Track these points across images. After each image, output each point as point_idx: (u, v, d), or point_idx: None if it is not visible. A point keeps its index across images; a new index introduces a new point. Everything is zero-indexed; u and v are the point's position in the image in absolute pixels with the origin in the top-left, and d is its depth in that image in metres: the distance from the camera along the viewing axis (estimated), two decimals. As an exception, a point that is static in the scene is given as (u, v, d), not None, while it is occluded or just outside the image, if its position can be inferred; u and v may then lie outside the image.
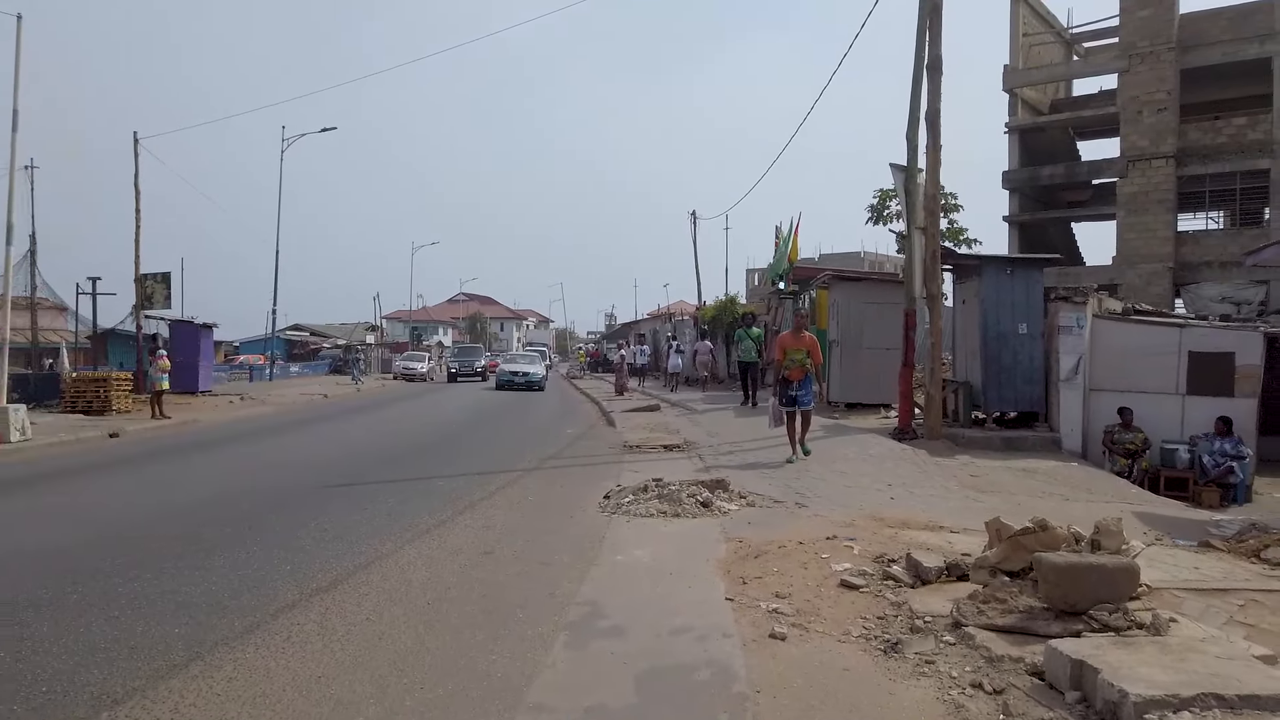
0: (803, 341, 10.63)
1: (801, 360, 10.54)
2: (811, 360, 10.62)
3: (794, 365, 10.52)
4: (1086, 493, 11.42)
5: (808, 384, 10.61)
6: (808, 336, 10.77)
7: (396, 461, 11.06)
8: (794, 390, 10.48)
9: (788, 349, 10.58)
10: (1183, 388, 14.03)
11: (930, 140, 13.88)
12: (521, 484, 9.15)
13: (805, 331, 10.81)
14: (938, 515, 7.63)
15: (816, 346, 10.80)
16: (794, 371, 10.49)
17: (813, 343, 10.76)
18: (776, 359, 10.67)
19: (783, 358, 10.56)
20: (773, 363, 11.05)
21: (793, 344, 10.61)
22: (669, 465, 10.61)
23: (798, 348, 10.57)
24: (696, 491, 7.39)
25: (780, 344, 10.71)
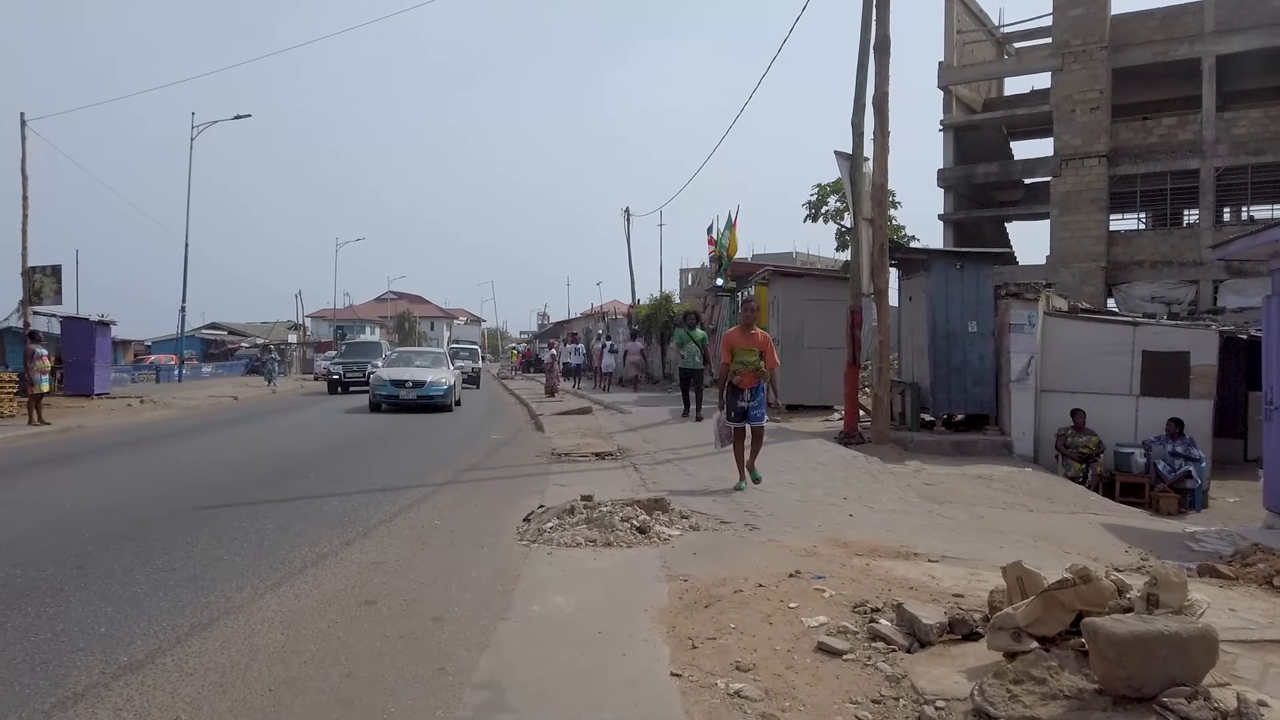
0: (754, 340, 8.65)
1: (753, 363, 8.57)
2: (765, 362, 8.65)
3: (744, 369, 8.54)
4: (1047, 501, 10.70)
5: (760, 393, 8.63)
6: (760, 334, 8.76)
7: (292, 475, 9.74)
8: (744, 401, 8.55)
9: (736, 349, 8.61)
10: (1136, 388, 13.50)
11: (878, 126, 13.07)
12: (431, 502, 7.95)
13: (757, 328, 8.80)
14: (906, 537, 6.70)
15: (770, 345, 8.80)
16: (745, 378, 8.54)
17: (766, 341, 8.76)
18: (725, 362, 8.67)
19: (730, 360, 8.62)
20: (719, 367, 9.00)
21: (742, 343, 8.62)
22: (601, 477, 9.52)
23: (748, 347, 8.60)
24: (632, 514, 6.30)
25: (727, 343, 8.72)
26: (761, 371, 8.63)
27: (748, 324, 8.80)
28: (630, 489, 8.74)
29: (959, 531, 7.26)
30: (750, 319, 8.84)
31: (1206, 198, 28.33)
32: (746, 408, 8.60)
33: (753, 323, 8.81)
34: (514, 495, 8.34)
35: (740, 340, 8.68)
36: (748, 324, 8.80)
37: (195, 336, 67.89)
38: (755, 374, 8.60)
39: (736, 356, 8.62)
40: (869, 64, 13.25)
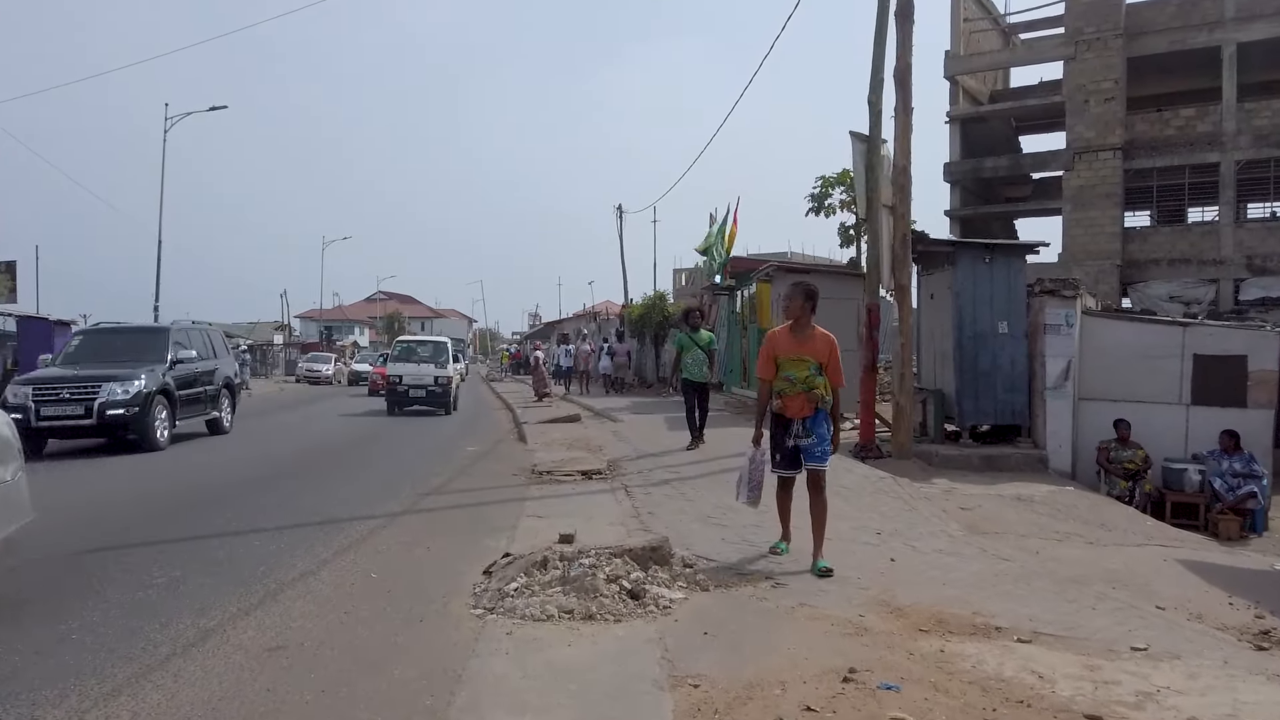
0: (809, 345, 5.81)
1: (809, 380, 5.75)
2: (828, 380, 5.84)
3: (794, 389, 5.77)
4: (1102, 529, 9.26)
5: (821, 424, 5.80)
6: (819, 336, 5.88)
7: (222, 501, 8.28)
8: (797, 435, 5.78)
9: (783, 359, 5.83)
10: (1186, 396, 12.08)
11: (900, 101, 11.63)
12: (375, 543, 6.48)
13: (814, 327, 5.92)
14: (969, 593, 5.27)
15: (835, 353, 5.91)
16: (795, 402, 5.76)
17: (828, 347, 5.88)
18: (764, 378, 5.96)
19: (773, 376, 5.89)
20: (759, 389, 6.08)
21: (791, 349, 5.83)
22: (586, 503, 8.06)
23: (800, 357, 5.78)
24: (621, 570, 4.84)
25: (770, 351, 5.94)
26: (821, 393, 5.74)
27: (799, 320, 5.85)
28: (620, 519, 7.29)
29: (1028, 581, 5.82)
30: (801, 313, 5.85)
31: (1227, 192, 26.97)
32: (801, 445, 5.75)
33: (807, 320, 5.86)
34: (479, 532, 6.87)
35: (789, 346, 5.83)
36: (799, 320, 5.85)
37: (178, 336, 66.35)
38: (812, 397, 5.72)
39: (782, 371, 5.81)
40: (888, 32, 11.83)
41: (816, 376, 5.76)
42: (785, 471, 5.97)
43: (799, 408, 5.77)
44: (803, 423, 5.79)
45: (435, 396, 20.36)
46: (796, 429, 5.80)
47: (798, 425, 5.79)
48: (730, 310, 22.92)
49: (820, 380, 5.77)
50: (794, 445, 5.81)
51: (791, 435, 5.81)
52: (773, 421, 5.93)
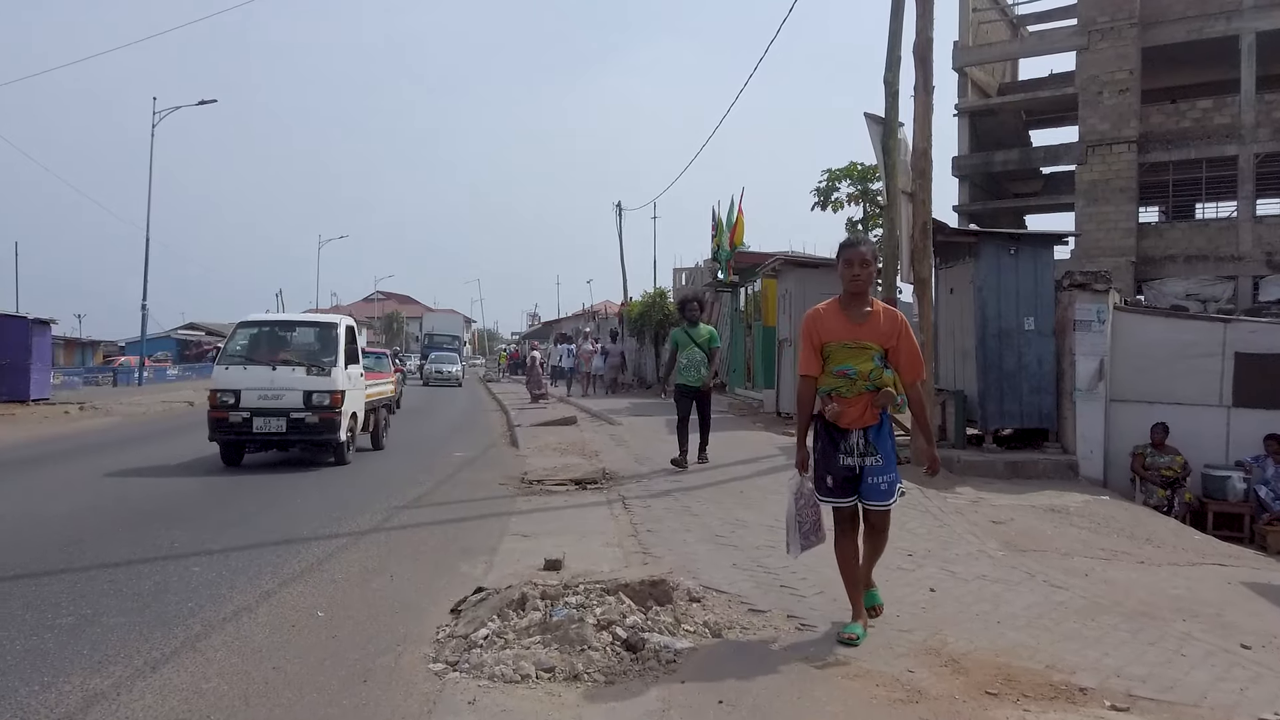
0: (873, 326, 4.25)
1: (872, 376, 4.20)
2: (902, 374, 4.33)
3: (857, 389, 4.21)
4: (1149, 545, 8.39)
5: (884, 437, 4.28)
6: (884, 313, 4.34)
7: (175, 514, 7.44)
8: (853, 454, 4.23)
9: (833, 346, 4.24)
10: (1228, 398, 11.20)
11: (920, 80, 10.77)
12: (330, 569, 5.61)
13: (874, 300, 4.39)
14: (1031, 634, 4.42)
15: (909, 335, 4.34)
16: (856, 406, 4.20)
17: (896, 328, 4.31)
18: (806, 375, 4.34)
19: (819, 371, 4.29)
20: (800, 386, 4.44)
21: (847, 332, 4.23)
22: (578, 519, 7.20)
23: (861, 342, 4.22)
24: (615, 612, 3.98)
25: (814, 335, 4.30)
26: (894, 395, 4.27)
27: (858, 293, 4.29)
28: (616, 538, 6.43)
29: (1094, 617, 4.96)
30: (862, 286, 4.28)
31: (1245, 186, 26.11)
32: (859, 465, 4.19)
33: (866, 292, 4.31)
34: (453, 555, 6.02)
35: (841, 328, 4.21)
36: (858, 293, 4.29)
37: (172, 337, 65.47)
38: (880, 397, 4.17)
39: (833, 363, 4.20)
40: (905, 5, 10.98)
41: (884, 370, 4.20)
42: (840, 500, 4.23)
43: (859, 415, 4.16)
44: (864, 435, 4.17)
45: (306, 430, 10.62)
46: (856, 444, 4.18)
47: (857, 439, 4.18)
48: (734, 308, 22.07)
49: (889, 375, 4.23)
50: (852, 466, 4.19)
51: (848, 453, 4.18)
52: (820, 433, 4.27)
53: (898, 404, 4.34)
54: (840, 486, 4.27)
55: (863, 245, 4.37)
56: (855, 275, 4.32)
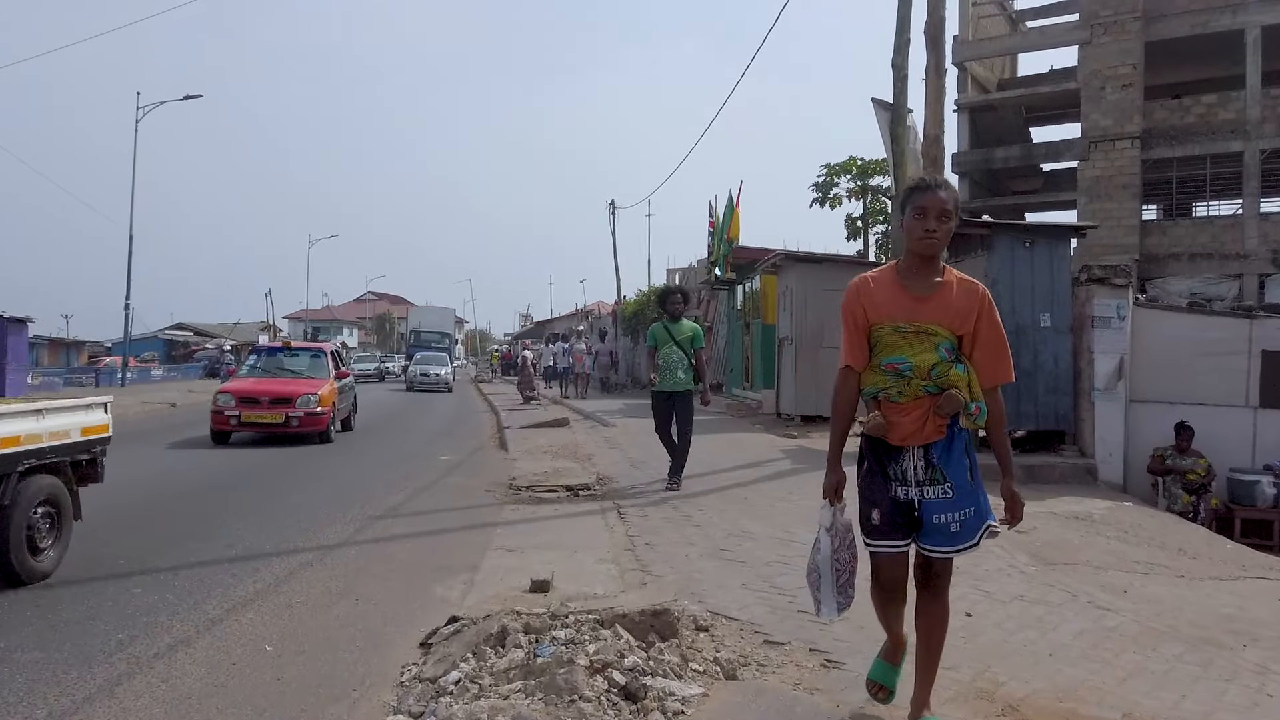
0: (942, 304, 3.04)
1: (940, 371, 3.00)
2: (976, 368, 3.09)
3: (913, 391, 3.02)
4: (1183, 555, 7.79)
5: (959, 458, 3.06)
6: (959, 286, 3.11)
7: (123, 526, 6.83)
8: (912, 482, 3.05)
9: (884, 328, 3.06)
10: (1254, 398, 10.64)
11: (932, 63, 10.20)
12: (288, 591, 4.98)
13: (951, 272, 3.16)
14: (1092, 669, 3.84)
15: (992, 314, 3.16)
16: (912, 415, 3.03)
17: (976, 303, 3.07)
18: (849, 367, 3.16)
19: (865, 363, 3.12)
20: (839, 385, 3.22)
21: (905, 309, 3.04)
22: (570, 531, 6.58)
23: (923, 325, 3.02)
24: (611, 649, 3.37)
25: (858, 308, 3.12)
26: (965, 403, 3.03)
27: (928, 256, 3.10)
28: (612, 553, 5.82)
29: (1153, 645, 4.39)
30: (936, 247, 3.08)
31: (1250, 183, 25.62)
32: (916, 500, 3.06)
33: (938, 256, 3.17)
34: (429, 573, 5.40)
35: (899, 304, 3.07)
36: (928, 256, 3.10)
37: (160, 337, 64.63)
38: (945, 404, 3.00)
39: (882, 353, 3.09)
40: (917, -15, 10.42)
41: (953, 365, 2.99)
42: (889, 543, 3.06)
43: (916, 427, 2.99)
44: (924, 455, 3.01)
45: None
46: (911, 468, 3.03)
47: (912, 462, 3.02)
48: (730, 306, 21.48)
49: (961, 372, 3.01)
50: (910, 500, 3.03)
51: (901, 480, 3.04)
52: (865, 451, 3.13)
53: (970, 415, 3.02)
54: (890, 524, 3.02)
55: (942, 189, 3.04)
56: (929, 231, 2.98)
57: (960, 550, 3.06)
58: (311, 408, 12.65)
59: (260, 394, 12.80)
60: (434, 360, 34.84)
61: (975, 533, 3.03)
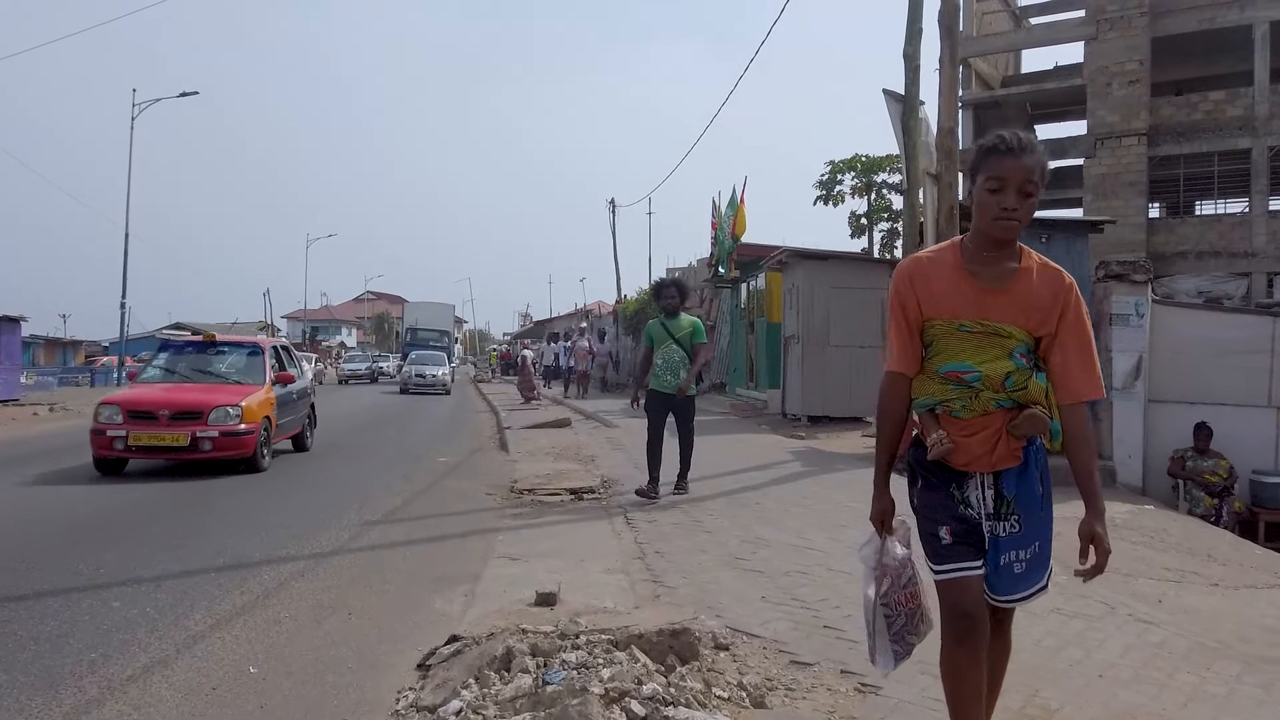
0: (1021, 301, 2.44)
1: (1014, 381, 2.43)
2: (1061, 387, 2.46)
3: (981, 405, 2.45)
4: (1212, 561, 7.47)
5: (1030, 489, 2.49)
6: (1039, 274, 2.49)
7: (110, 531, 6.54)
8: (983, 512, 2.50)
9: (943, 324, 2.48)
10: (1277, 398, 10.35)
11: (946, 52, 9.90)
12: (276, 605, 4.68)
13: (1033, 256, 2.55)
14: (1146, 692, 3.55)
15: (1079, 311, 2.47)
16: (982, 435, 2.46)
17: (1060, 296, 2.46)
18: (895, 371, 2.57)
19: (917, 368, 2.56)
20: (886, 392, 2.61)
21: (972, 303, 2.45)
22: (575, 539, 6.27)
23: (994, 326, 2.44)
24: (628, 675, 3.06)
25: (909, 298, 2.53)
26: (1044, 420, 2.43)
27: (1004, 240, 2.46)
28: (620, 562, 5.51)
29: (1206, 664, 4.09)
30: (1014, 228, 2.42)
31: (1259, 180, 25.32)
32: (997, 532, 2.49)
33: (1015, 238, 2.49)
34: (427, 583, 5.10)
35: (962, 298, 2.46)
36: (1004, 240, 2.46)
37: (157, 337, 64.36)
38: (1024, 423, 2.42)
39: (941, 357, 2.50)
40: (930, -28, 10.12)
41: (1032, 375, 2.43)
42: (965, 566, 2.47)
43: (985, 450, 2.45)
44: (993, 484, 2.49)
45: None
46: (979, 498, 2.49)
47: (979, 491, 2.49)
48: (734, 305, 21.18)
49: (1042, 384, 2.44)
50: (976, 541, 2.50)
51: (965, 504, 2.50)
52: (921, 474, 2.57)
53: (1052, 431, 2.47)
54: (963, 542, 2.47)
55: (1026, 154, 2.38)
56: (1007, 210, 2.36)
57: (1029, 596, 2.56)
58: (230, 424, 9.32)
59: (158, 406, 9.35)
60: (430, 360, 32.81)
61: (1043, 574, 2.54)
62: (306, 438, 12.06)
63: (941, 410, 2.48)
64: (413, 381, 30.39)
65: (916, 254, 2.71)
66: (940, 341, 2.49)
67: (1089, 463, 2.49)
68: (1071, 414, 2.45)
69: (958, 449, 2.45)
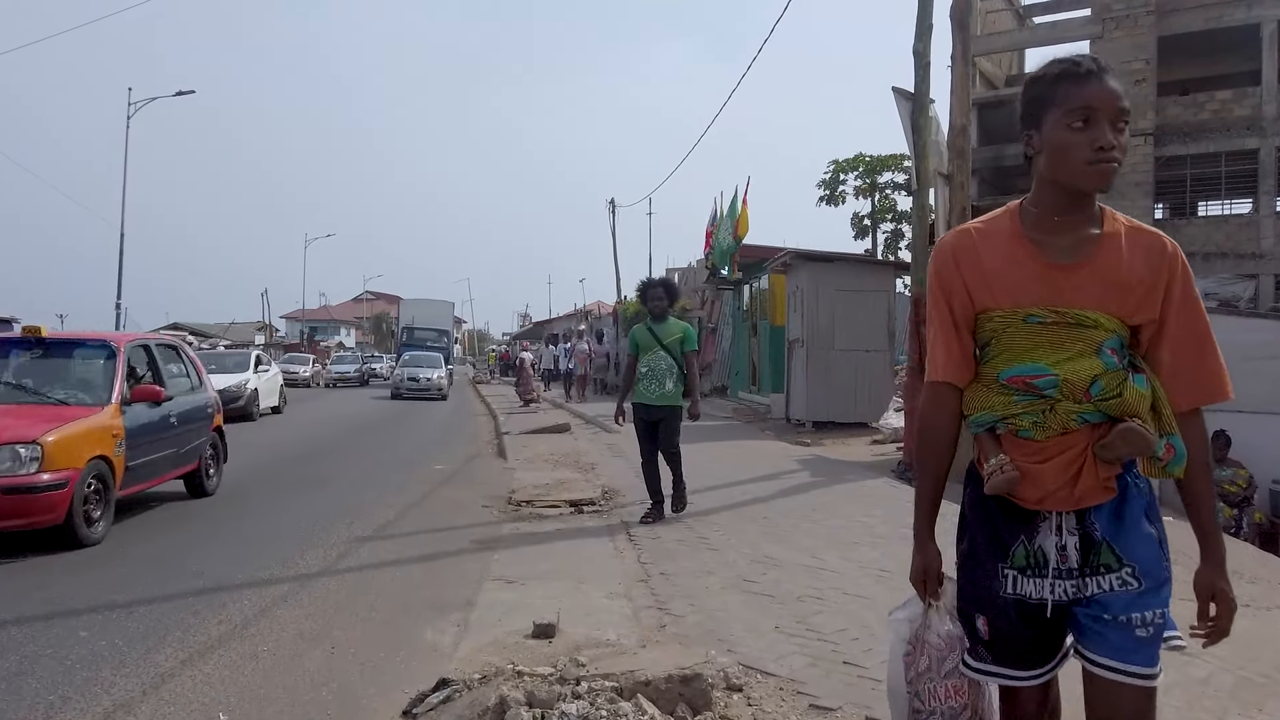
0: (1109, 275, 1.86)
1: (1099, 386, 1.82)
2: (1175, 390, 1.90)
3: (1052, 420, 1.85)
4: (1238, 578, 7.12)
5: (1134, 528, 1.87)
6: (1130, 239, 1.88)
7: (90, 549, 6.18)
8: (1056, 568, 1.87)
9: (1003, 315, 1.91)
10: (1298, 405, 10.10)
11: (958, 48, 9.59)
12: (254, 636, 4.37)
13: (1117, 217, 1.94)
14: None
15: (1190, 288, 1.97)
16: (1056, 466, 1.85)
17: (1174, 271, 1.89)
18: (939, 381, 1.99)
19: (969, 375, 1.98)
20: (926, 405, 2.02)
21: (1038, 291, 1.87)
22: (575, 558, 5.96)
23: (1071, 312, 1.86)
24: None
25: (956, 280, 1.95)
26: (1140, 434, 1.80)
27: (1082, 194, 1.90)
28: (623, 585, 5.20)
29: (1258, 702, 3.81)
30: (1104, 177, 1.83)
31: (1267, 181, 25.05)
32: (1062, 595, 1.88)
33: (1091, 200, 1.92)
34: (418, 610, 4.80)
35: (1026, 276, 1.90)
36: (1082, 194, 1.90)
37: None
38: (1120, 441, 1.82)
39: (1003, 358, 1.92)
40: (940, -34, 9.81)
41: (1127, 376, 1.84)
42: (1005, 672, 1.95)
43: (1065, 480, 1.84)
44: (1078, 524, 1.87)
45: None
46: (1051, 545, 1.88)
47: (1054, 533, 1.87)
48: (736, 307, 20.89)
49: (1142, 388, 1.85)
50: (1038, 596, 1.88)
51: (1035, 564, 1.89)
52: (971, 521, 2.00)
53: (1159, 459, 1.86)
54: (1007, 639, 1.91)
55: (1110, 75, 1.87)
56: (1102, 150, 1.81)
57: (1146, 677, 1.82)
58: (24, 474, 5.84)
59: None
60: (425, 361, 30.44)
61: (1158, 645, 1.86)
62: (205, 478, 8.44)
63: (1005, 429, 1.89)
64: (405, 386, 28.04)
65: (962, 226, 2.08)
66: (1001, 338, 1.90)
67: (1208, 494, 1.93)
68: (1189, 426, 1.89)
69: (1026, 479, 1.83)
